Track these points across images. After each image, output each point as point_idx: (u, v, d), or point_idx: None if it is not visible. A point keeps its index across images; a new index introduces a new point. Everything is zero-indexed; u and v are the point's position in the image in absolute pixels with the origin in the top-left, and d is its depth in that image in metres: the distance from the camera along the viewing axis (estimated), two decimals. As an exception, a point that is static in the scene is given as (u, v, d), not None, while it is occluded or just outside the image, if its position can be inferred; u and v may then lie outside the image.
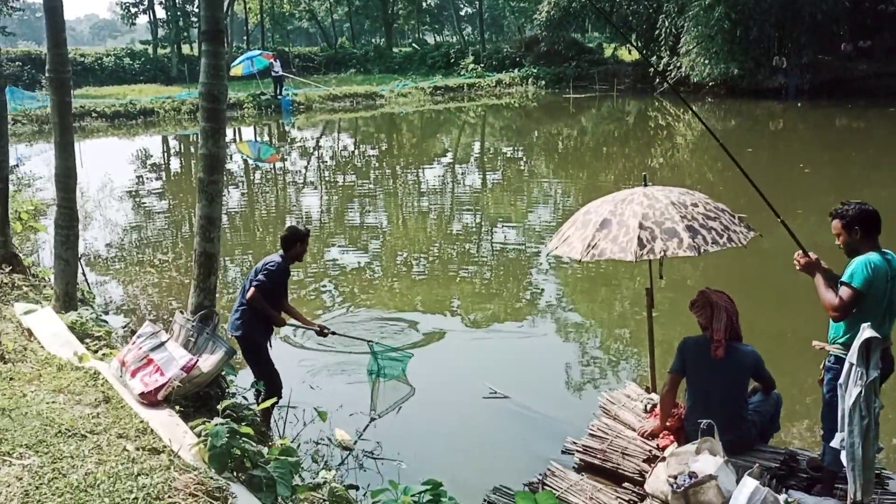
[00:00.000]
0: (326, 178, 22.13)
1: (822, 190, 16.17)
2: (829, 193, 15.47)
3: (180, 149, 28.15)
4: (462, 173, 22.15)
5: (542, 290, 10.94)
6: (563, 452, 6.11)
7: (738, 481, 4.80)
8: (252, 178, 22.55)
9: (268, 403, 5.65)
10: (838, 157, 20.19)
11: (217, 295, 6.48)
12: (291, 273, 7.04)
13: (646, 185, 5.95)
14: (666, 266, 6.48)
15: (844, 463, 4.49)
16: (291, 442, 5.41)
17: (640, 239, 5.38)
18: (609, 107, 35.92)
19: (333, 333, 7.27)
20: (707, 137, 25.80)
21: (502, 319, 9.78)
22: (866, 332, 4.26)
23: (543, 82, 42.11)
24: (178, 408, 5.38)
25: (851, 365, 4.32)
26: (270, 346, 6.71)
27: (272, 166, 23.86)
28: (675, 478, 4.96)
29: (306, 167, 23.89)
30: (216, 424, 4.56)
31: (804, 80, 33.19)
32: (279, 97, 35.62)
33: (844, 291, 4.66)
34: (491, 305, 10.33)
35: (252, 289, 6.39)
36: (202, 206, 5.95)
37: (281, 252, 6.64)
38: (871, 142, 22.76)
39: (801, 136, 24.90)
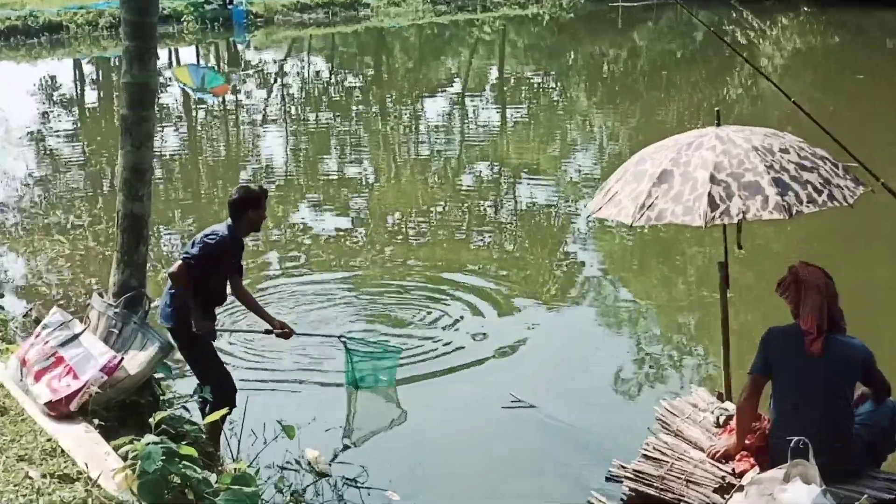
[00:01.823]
0: (294, 116, 22.10)
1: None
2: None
3: (98, 76, 28.11)
4: (474, 109, 22.10)
5: (580, 264, 10.95)
6: (607, 479, 6.13)
7: (839, 518, 4.83)
8: (194, 115, 22.52)
9: (216, 416, 5.67)
10: None
11: (148, 272, 6.50)
12: (247, 246, 7.04)
13: (719, 125, 5.89)
14: (746, 232, 6.44)
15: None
16: (249, 466, 5.43)
17: (711, 197, 5.34)
18: (670, 19, 35.67)
19: (299, 335, 7.37)
20: (803, 58, 25.62)
21: (527, 304, 9.79)
22: None
23: (583, -13, 41.86)
24: (97, 421, 5.39)
25: None
26: (216, 336, 6.73)
27: (220, 99, 23.76)
28: (757, 513, 4.98)
29: (266, 101, 23.86)
30: (148, 444, 4.57)
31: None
32: (230, 6, 35.45)
33: None
34: (512, 285, 10.33)
35: (179, 262, 6.41)
36: (127, 152, 5.93)
37: (229, 221, 6.63)
38: None
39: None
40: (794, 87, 21.29)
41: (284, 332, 7.12)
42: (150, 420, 4.88)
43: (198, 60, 31.02)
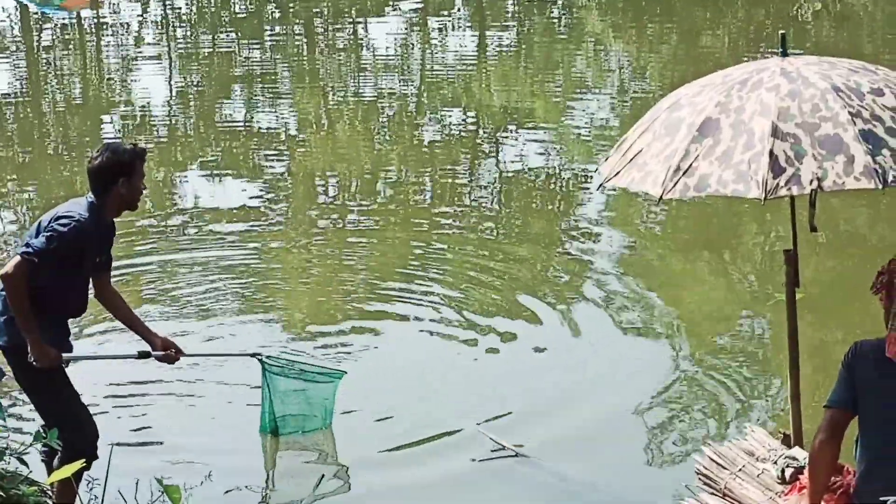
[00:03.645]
0: (181, 41, 22.02)
1: None
2: None
3: None
4: (440, 30, 22.15)
5: (589, 255, 11.08)
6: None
7: None
8: (35, 40, 22.37)
9: (68, 469, 5.58)
10: None
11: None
12: (117, 228, 7.02)
13: (785, 55, 5.94)
14: (823, 207, 6.49)
15: None
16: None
17: (773, 157, 5.37)
18: None
19: (191, 356, 7.40)
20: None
21: (512, 310, 9.87)
22: None
23: None
24: None
25: None
26: (66, 361, 6.72)
27: (73, 16, 23.67)
28: None
29: (141, 19, 23.75)
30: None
31: None
32: None
33: None
34: (492, 284, 10.43)
35: (17, 258, 6.37)
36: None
37: (90, 197, 6.60)
38: None
39: None
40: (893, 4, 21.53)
41: (169, 354, 7.08)
42: (-28, 478, 4.89)
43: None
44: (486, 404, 8.28)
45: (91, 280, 6.84)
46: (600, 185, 6.68)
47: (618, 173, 5.92)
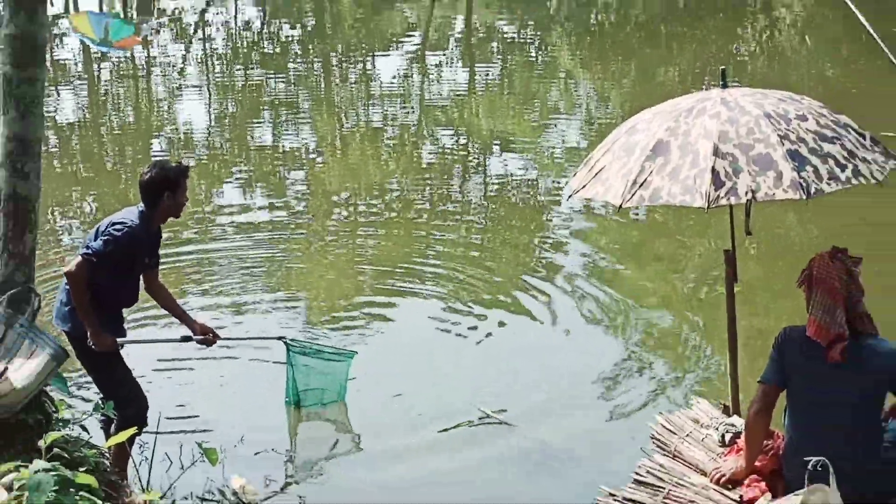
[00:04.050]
0: (218, 76, 22.01)
1: None
2: None
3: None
4: (436, 66, 22.15)
5: (565, 253, 11.07)
6: (594, 509, 6.19)
7: (865, 553, 4.89)
8: (96, 74, 22.36)
9: (122, 436, 5.61)
10: None
11: (38, 264, 6.45)
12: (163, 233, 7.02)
13: (725, 87, 5.95)
14: (758, 215, 6.50)
15: None
16: (162, 497, 5.45)
17: (715, 172, 5.38)
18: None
19: (227, 339, 7.43)
20: (825, 7, 25.83)
21: (498, 302, 9.86)
22: None
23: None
24: (-25, 445, 5.37)
25: None
26: (120, 345, 6.71)
27: (128, 54, 23.62)
28: (768, 548, 5.05)
29: (184, 57, 23.73)
30: (37, 471, 4.55)
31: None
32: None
33: None
34: (481, 280, 10.41)
35: (78, 259, 6.37)
36: (10, 119, 5.87)
37: (142, 206, 6.58)
38: None
39: None
40: (817, 43, 21.54)
41: (207, 338, 7.08)
42: (40, 443, 4.86)
43: (100, 7, 30.81)
44: (477, 381, 8.30)
45: (141, 276, 6.84)
46: (570, 196, 6.70)
47: (584, 186, 5.94)
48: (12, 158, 5.91)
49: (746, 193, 5.35)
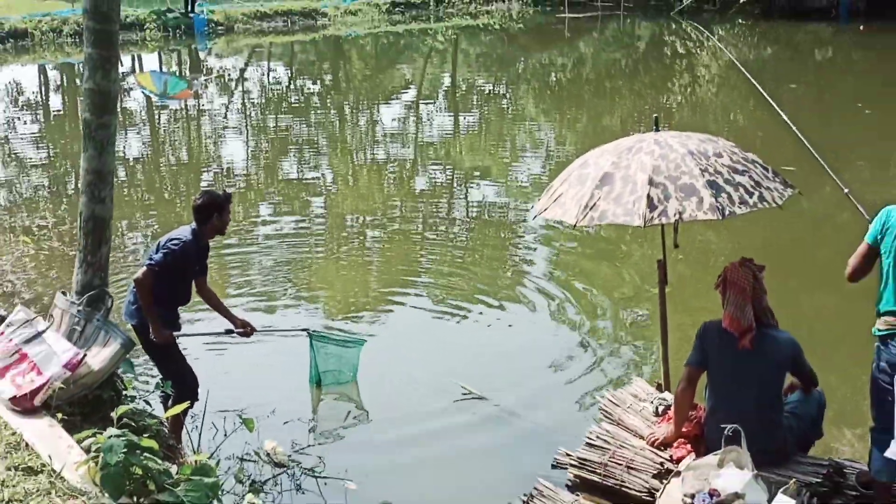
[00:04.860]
0: (253, 121, 21.96)
1: (889, 136, 16.33)
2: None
3: (62, 81, 27.70)
4: (428, 115, 22.11)
5: (531, 262, 11.02)
6: (553, 467, 6.18)
7: (770, 501, 4.89)
8: (156, 119, 22.30)
9: (177, 409, 5.63)
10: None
11: (110, 271, 6.43)
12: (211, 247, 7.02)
13: (657, 130, 5.98)
14: (683, 232, 6.52)
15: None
16: (209, 458, 5.41)
17: (650, 198, 5.41)
18: (614, 30, 35.93)
19: (261, 331, 7.38)
20: (738, 70, 25.88)
21: (478, 301, 9.82)
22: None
23: (532, -2, 42.02)
24: (60, 416, 5.34)
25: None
26: (176, 337, 6.69)
27: (182, 104, 23.59)
28: (693, 497, 5.05)
29: (227, 106, 23.67)
30: (110, 437, 4.54)
31: (860, -4, 33.42)
32: (191, 15, 35.13)
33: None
34: (464, 284, 10.38)
35: (144, 268, 6.38)
36: (89, 156, 5.87)
37: (193, 225, 6.59)
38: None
39: (856, 68, 25.13)
40: (729, 97, 21.59)
41: (246, 330, 7.11)
42: (113, 414, 4.86)
43: (160, 67, 30.75)
44: (460, 363, 8.28)
45: (193, 281, 6.84)
46: (535, 216, 6.71)
47: (546, 209, 5.98)
48: (90, 187, 5.91)
49: (675, 215, 5.38)
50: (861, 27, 30.50)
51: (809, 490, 5.23)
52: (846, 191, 5.71)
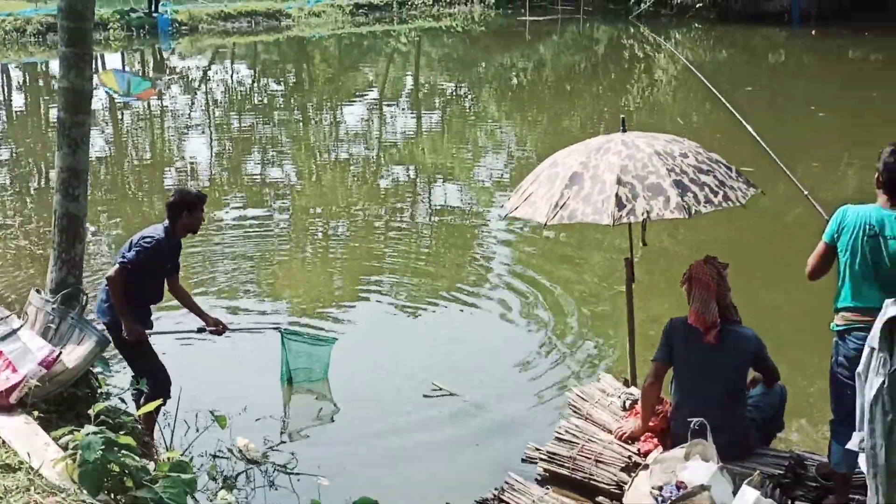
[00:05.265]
0: (217, 121, 21.83)
1: (841, 138, 16.59)
2: (848, 142, 15.91)
3: (25, 81, 27.37)
4: (391, 115, 22.11)
5: (494, 261, 11.06)
6: (523, 461, 6.21)
7: (735, 492, 4.96)
8: (119, 119, 22.08)
9: (150, 406, 5.59)
10: (857, 97, 20.69)
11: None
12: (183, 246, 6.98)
13: (624, 131, 6.03)
14: (651, 230, 6.58)
15: (864, 469, 4.67)
16: (182, 454, 5.39)
17: (618, 197, 5.46)
18: (574, 33, 36.12)
19: (233, 329, 7.38)
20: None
21: (444, 299, 9.85)
22: (890, 308, 4.42)
23: (493, 1, 42.06)
24: (36, 413, 5.30)
25: (872, 350, 4.49)
26: (148, 334, 6.66)
27: (146, 104, 23.39)
28: (661, 489, 5.09)
29: (191, 106, 23.50)
30: (88, 434, 4.51)
31: (811, 1, 33.86)
32: (155, 15, 34.83)
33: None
34: (429, 282, 10.41)
35: (116, 266, 6.34)
36: (64, 154, 5.83)
37: (166, 223, 6.57)
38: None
39: (808, 72, 25.47)
40: (686, 99, 21.81)
41: (218, 328, 7.09)
42: (90, 411, 4.83)
43: (123, 66, 30.46)
44: (429, 361, 8.30)
45: (165, 279, 6.81)
46: (506, 216, 6.72)
47: (517, 208, 6.00)
48: (65, 185, 5.87)
49: (643, 214, 5.44)
50: (813, 31, 30.90)
51: (772, 481, 5.31)
52: (806, 192, 5.80)
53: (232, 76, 28.71)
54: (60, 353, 5.62)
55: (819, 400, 7.12)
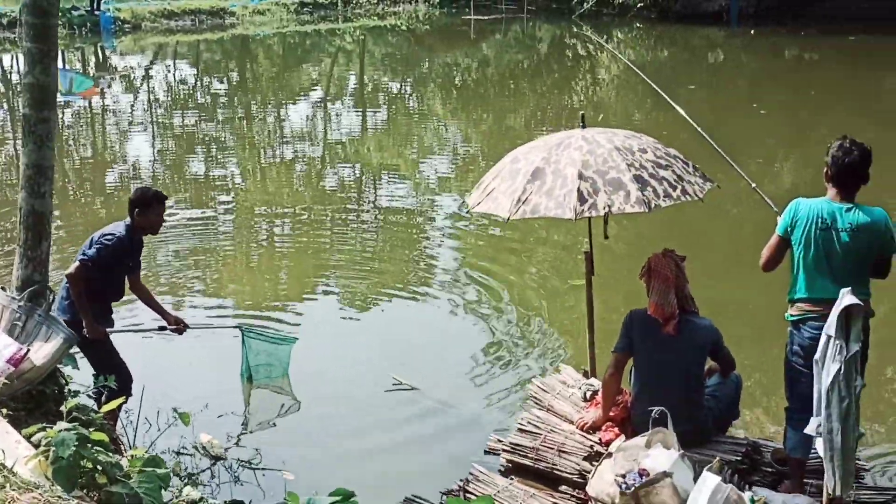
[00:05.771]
0: (159, 119, 21.61)
1: (780, 134, 16.98)
2: (787, 137, 16.29)
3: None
4: (336, 114, 22.09)
5: (443, 256, 11.14)
6: (486, 453, 6.30)
7: (696, 479, 5.09)
8: (61, 118, 21.71)
9: (113, 404, 5.58)
10: (794, 96, 21.18)
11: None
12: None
13: (584, 127, 6.12)
14: (611, 223, 6.67)
15: (821, 452, 4.86)
16: (146, 452, 5.39)
17: (580, 192, 5.55)
18: (517, 32, 36.35)
19: (194, 327, 7.39)
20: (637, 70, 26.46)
21: (394, 296, 9.90)
22: (846, 297, 4.61)
23: (437, 0, 42.12)
24: (4, 411, 5.26)
25: (829, 337, 4.67)
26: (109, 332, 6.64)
27: (88, 102, 23.08)
28: (624, 477, 5.18)
29: (133, 104, 23.23)
30: (61, 431, 4.50)
31: (748, 1, 34.53)
32: (97, 13, 34.30)
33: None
34: (378, 278, 10.45)
35: (77, 263, 6.31)
36: (29, 150, 5.77)
37: (128, 220, 6.56)
38: (831, 76, 23.92)
39: (746, 71, 25.96)
40: (628, 97, 22.11)
41: (178, 327, 7.08)
42: (62, 408, 4.81)
43: (64, 65, 29.93)
44: (386, 356, 8.34)
45: (126, 277, 6.80)
46: (468, 211, 6.78)
47: (479, 203, 6.05)
48: (30, 182, 5.82)
49: (604, 208, 5.53)
50: (751, 31, 31.52)
51: (730, 467, 5.47)
52: (753, 185, 5.93)
53: (174, 75, 28.40)
54: (28, 350, 5.58)
55: (772, 388, 7.32)
